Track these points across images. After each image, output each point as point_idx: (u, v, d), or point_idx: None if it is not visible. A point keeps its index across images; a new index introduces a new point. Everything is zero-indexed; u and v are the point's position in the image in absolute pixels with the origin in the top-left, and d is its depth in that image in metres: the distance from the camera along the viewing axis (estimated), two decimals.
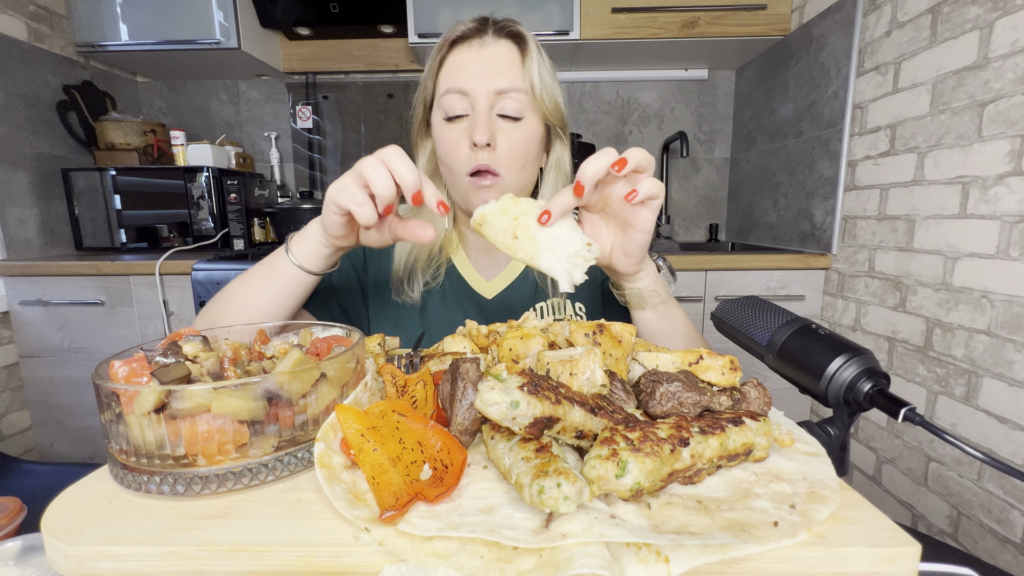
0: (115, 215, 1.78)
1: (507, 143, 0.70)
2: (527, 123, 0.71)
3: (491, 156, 0.69)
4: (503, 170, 0.70)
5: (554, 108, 0.73)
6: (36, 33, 1.73)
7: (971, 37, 1.09)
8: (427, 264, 0.79)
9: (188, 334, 0.43)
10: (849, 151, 1.47)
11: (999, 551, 1.06)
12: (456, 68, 0.70)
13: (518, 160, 0.71)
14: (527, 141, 0.71)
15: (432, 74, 0.72)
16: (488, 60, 0.69)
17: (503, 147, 0.70)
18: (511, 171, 0.71)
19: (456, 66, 0.70)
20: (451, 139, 0.70)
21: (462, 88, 0.68)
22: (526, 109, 0.70)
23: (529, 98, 0.70)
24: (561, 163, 0.78)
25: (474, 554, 0.27)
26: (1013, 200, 1.01)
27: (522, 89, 0.69)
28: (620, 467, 0.29)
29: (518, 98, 0.69)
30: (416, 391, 0.41)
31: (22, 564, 0.46)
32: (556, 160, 0.78)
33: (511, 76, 0.69)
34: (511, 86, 0.68)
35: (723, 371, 0.43)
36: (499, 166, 0.70)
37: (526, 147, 0.71)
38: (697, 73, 2.15)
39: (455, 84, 0.69)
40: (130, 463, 0.34)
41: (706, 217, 2.28)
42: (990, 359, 1.07)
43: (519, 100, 0.69)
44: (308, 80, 2.19)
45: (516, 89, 0.69)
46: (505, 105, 0.69)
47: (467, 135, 0.69)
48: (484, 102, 0.68)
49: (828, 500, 0.31)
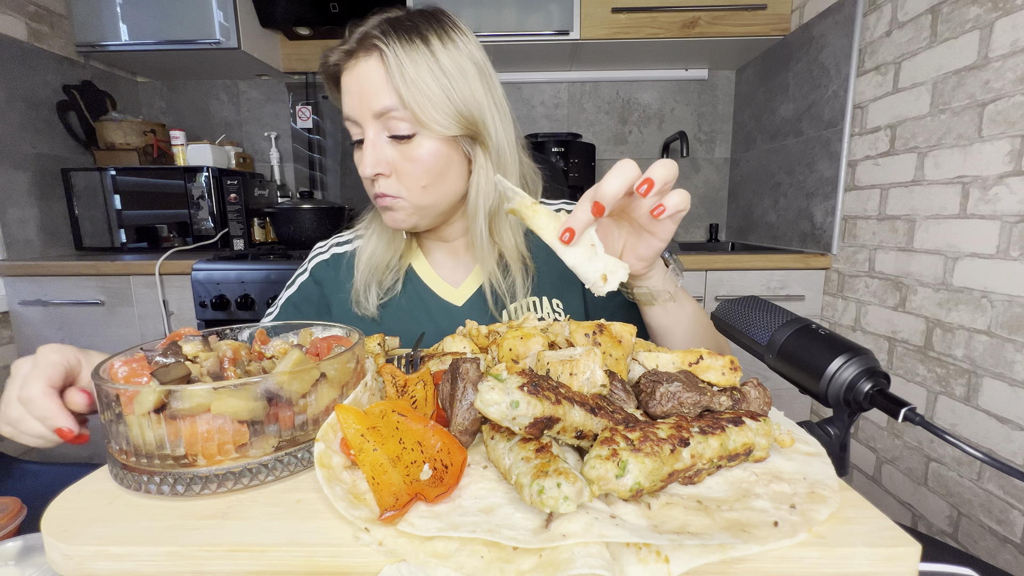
0: (115, 215, 1.78)
1: (402, 166, 0.65)
2: (419, 140, 0.64)
3: (386, 182, 0.66)
4: (403, 193, 0.67)
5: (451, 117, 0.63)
6: (36, 33, 1.73)
7: (971, 37, 1.09)
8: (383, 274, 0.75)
9: (188, 334, 0.43)
10: (849, 151, 1.47)
11: (999, 551, 1.06)
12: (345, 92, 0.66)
13: (417, 181, 0.66)
14: (422, 161, 0.65)
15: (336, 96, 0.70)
16: (361, 81, 0.63)
17: (402, 172, 0.66)
18: (412, 193, 0.67)
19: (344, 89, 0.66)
20: (356, 162, 0.69)
21: (348, 115, 0.66)
22: (413, 126, 0.63)
23: (410, 113, 0.62)
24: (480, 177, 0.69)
25: (474, 554, 0.27)
26: (1013, 200, 1.01)
27: (395, 106, 0.62)
28: (620, 467, 0.29)
29: (398, 116, 0.63)
30: (416, 391, 0.41)
31: (22, 564, 0.46)
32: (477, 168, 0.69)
33: (381, 95, 0.62)
34: (385, 106, 0.62)
35: (723, 371, 0.43)
36: (397, 191, 0.67)
37: (423, 167, 0.65)
38: (697, 73, 2.14)
39: (345, 111, 0.66)
40: (130, 463, 0.34)
41: (706, 217, 2.28)
42: (990, 359, 1.07)
43: (400, 117, 0.63)
44: (308, 80, 2.19)
45: (392, 107, 0.62)
46: (392, 126, 0.63)
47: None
48: (372, 131, 0.64)
49: (828, 500, 0.31)
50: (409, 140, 0.64)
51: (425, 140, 0.64)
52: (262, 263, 1.54)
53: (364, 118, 0.64)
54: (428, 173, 0.66)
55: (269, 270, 1.52)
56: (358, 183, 2.62)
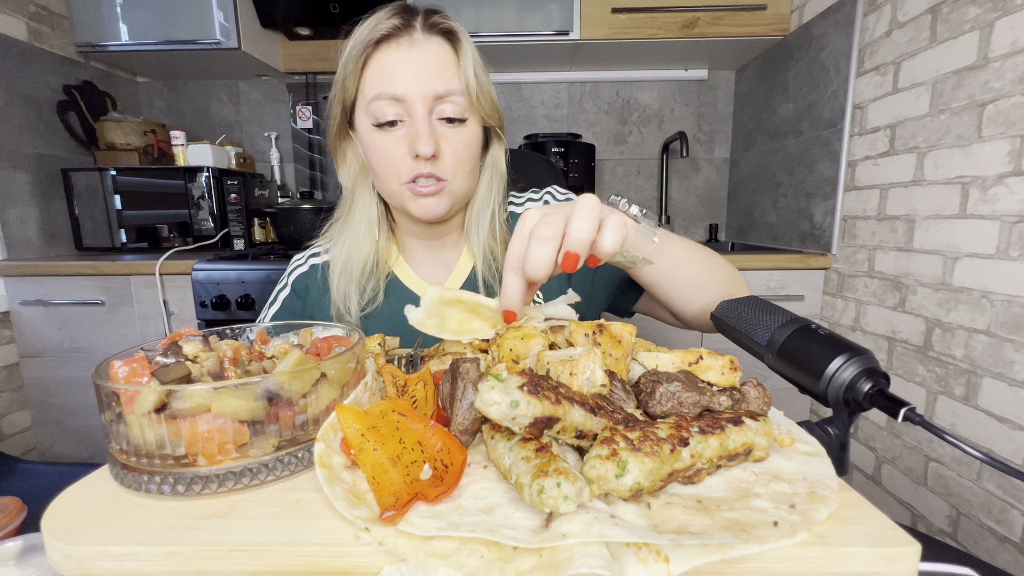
0: (115, 215, 1.78)
1: (451, 149, 0.65)
2: (468, 125, 0.66)
3: (434, 164, 0.65)
4: (448, 175, 0.66)
5: (491, 108, 0.68)
6: (36, 33, 1.73)
7: (971, 37, 1.09)
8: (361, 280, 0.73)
9: (188, 334, 0.43)
10: (849, 151, 1.47)
11: (999, 551, 1.06)
12: (384, 71, 0.62)
13: (464, 165, 0.67)
14: (470, 144, 0.66)
15: (353, 75, 0.64)
16: (421, 61, 0.62)
17: (447, 154, 0.65)
18: (457, 177, 0.67)
19: (384, 68, 0.62)
20: (384, 147, 0.64)
21: (395, 94, 0.62)
22: (466, 111, 0.65)
23: (467, 100, 0.64)
24: (497, 163, 0.74)
25: (474, 554, 0.27)
26: (1013, 200, 1.01)
27: (460, 91, 0.63)
28: (620, 467, 0.29)
29: (457, 101, 0.64)
30: (416, 391, 0.42)
31: (22, 564, 0.46)
32: (493, 160, 0.74)
33: (447, 78, 0.63)
34: (449, 89, 0.63)
35: (723, 371, 0.43)
36: (444, 173, 0.66)
37: (470, 151, 0.67)
38: (697, 73, 2.15)
39: (386, 89, 0.62)
40: (130, 463, 0.34)
41: (706, 217, 2.28)
42: (990, 359, 1.07)
43: (458, 103, 0.64)
44: (308, 80, 2.19)
45: (454, 92, 0.63)
46: (444, 109, 0.63)
47: (405, 143, 0.64)
48: (422, 108, 0.62)
49: (828, 500, 0.31)
50: (462, 124, 0.65)
51: (472, 125, 0.66)
52: (262, 263, 1.54)
53: (418, 99, 0.62)
54: (472, 158, 0.67)
55: (269, 270, 1.52)
56: None
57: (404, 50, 0.62)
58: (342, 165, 0.74)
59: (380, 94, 0.62)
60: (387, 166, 0.65)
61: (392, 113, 0.63)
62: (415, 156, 0.63)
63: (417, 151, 0.62)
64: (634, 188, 2.26)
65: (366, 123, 0.65)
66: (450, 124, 0.65)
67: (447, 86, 0.63)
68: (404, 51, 0.62)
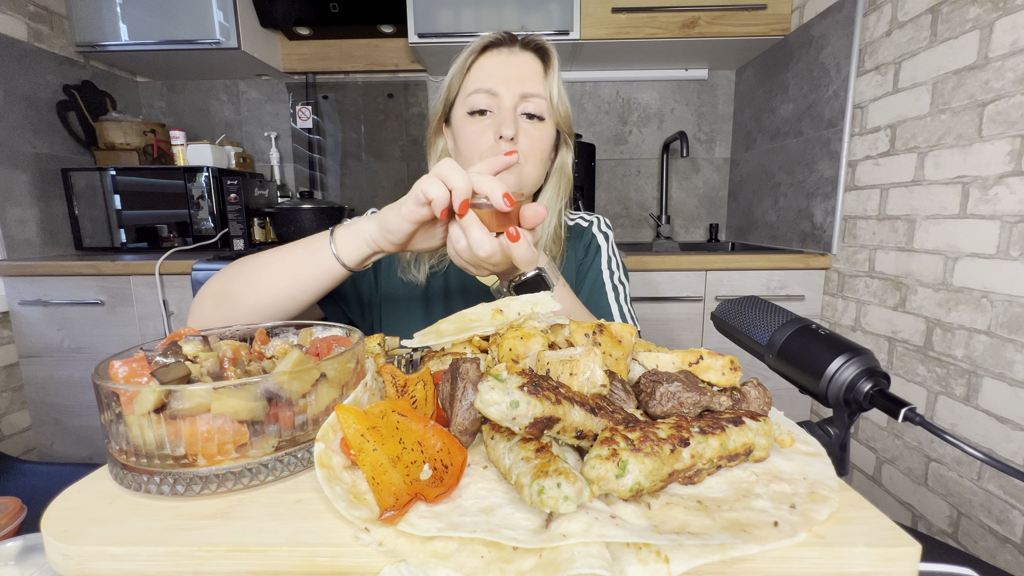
0: (115, 215, 1.78)
1: (528, 139, 0.76)
2: (546, 124, 0.78)
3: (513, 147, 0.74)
4: (523, 159, 0.76)
5: (566, 117, 0.81)
6: (36, 33, 1.73)
7: (971, 37, 1.09)
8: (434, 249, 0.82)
9: (188, 334, 0.43)
10: (849, 151, 1.47)
11: (999, 551, 1.06)
12: (485, 71, 0.76)
13: (537, 154, 0.77)
14: (544, 139, 0.78)
15: (460, 74, 0.78)
16: (515, 67, 0.76)
17: (524, 142, 0.76)
18: (529, 163, 0.77)
19: (485, 69, 0.76)
20: (474, 131, 0.76)
21: (491, 89, 0.75)
22: (545, 112, 0.77)
23: (548, 105, 0.77)
24: (565, 167, 0.85)
25: (474, 554, 0.27)
26: (1013, 200, 1.01)
27: (543, 96, 0.77)
28: (620, 467, 0.29)
29: (539, 103, 0.76)
30: (416, 391, 0.41)
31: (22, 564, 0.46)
32: (560, 164, 0.85)
33: (535, 83, 0.76)
34: (534, 92, 0.76)
35: (723, 371, 0.43)
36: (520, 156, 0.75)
37: (544, 144, 0.78)
38: (697, 73, 2.14)
39: (484, 85, 0.75)
40: (130, 463, 0.34)
41: (706, 217, 2.28)
42: (990, 359, 1.07)
43: (540, 105, 0.76)
44: (308, 80, 2.19)
45: (538, 95, 0.76)
46: (527, 106, 0.76)
47: (491, 129, 0.75)
48: (510, 102, 0.75)
49: (828, 500, 0.31)
50: (541, 121, 0.77)
51: (549, 125, 0.78)
52: None
53: (508, 94, 0.75)
54: (544, 151, 0.79)
55: None
56: (358, 183, 2.60)
57: (503, 57, 0.77)
58: (432, 155, 0.85)
59: (478, 88, 0.75)
60: (473, 148, 0.76)
61: (484, 104, 0.75)
62: (498, 138, 0.74)
63: (501, 133, 0.74)
64: (634, 188, 2.27)
65: (461, 112, 0.77)
66: (530, 120, 0.77)
67: (533, 89, 0.76)
68: (503, 57, 0.77)
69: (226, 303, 0.63)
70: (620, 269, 0.91)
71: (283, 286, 0.61)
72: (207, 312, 0.64)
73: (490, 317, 0.50)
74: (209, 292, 0.65)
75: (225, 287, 0.64)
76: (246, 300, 0.62)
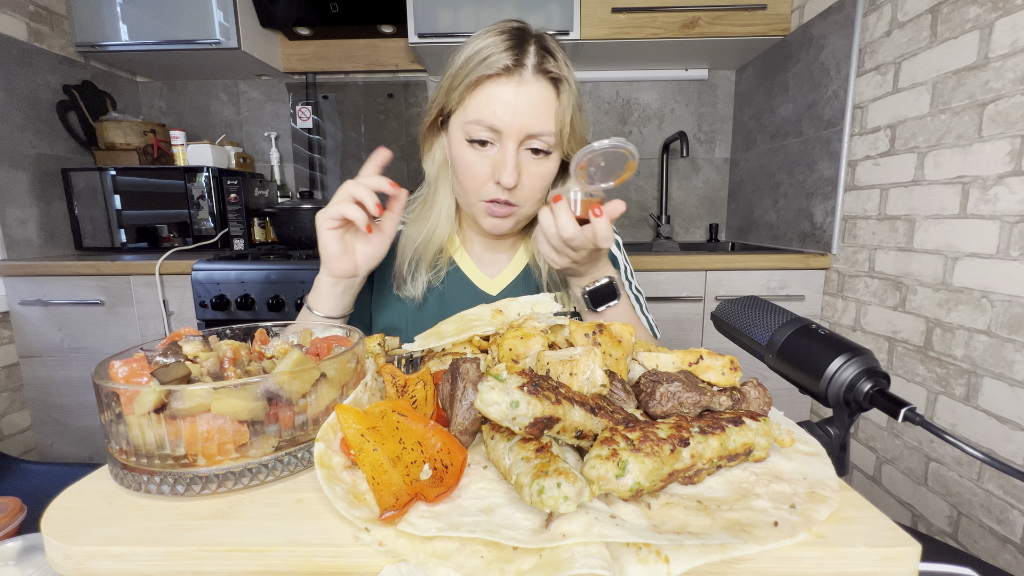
0: (115, 215, 1.78)
1: (529, 179, 0.71)
2: (551, 159, 0.72)
3: (513, 193, 0.71)
4: (521, 202, 0.73)
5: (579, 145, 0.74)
6: (36, 33, 1.73)
7: (971, 37, 1.09)
8: (432, 261, 0.81)
9: (188, 334, 0.43)
10: (849, 151, 1.47)
11: (999, 551, 1.06)
12: (490, 101, 0.68)
13: (537, 194, 0.74)
14: (547, 176, 0.73)
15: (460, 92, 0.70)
16: (523, 100, 0.68)
17: (525, 184, 0.71)
18: (528, 203, 0.74)
19: (490, 98, 0.68)
20: (472, 162, 0.71)
21: (493, 125, 0.68)
22: (551, 147, 0.72)
23: (556, 139, 0.71)
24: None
25: (474, 554, 0.27)
26: (1013, 200, 1.01)
27: (551, 132, 0.70)
28: (620, 467, 0.29)
29: (546, 139, 0.70)
30: (416, 391, 0.41)
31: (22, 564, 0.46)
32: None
33: (544, 120, 0.69)
34: (541, 130, 0.69)
35: (723, 371, 0.43)
36: (518, 200, 0.72)
37: (545, 182, 0.74)
38: (697, 73, 2.14)
39: (485, 118, 0.68)
40: (130, 463, 0.34)
41: (706, 217, 2.28)
42: (990, 359, 1.07)
43: (546, 141, 0.70)
44: (308, 80, 2.19)
45: (546, 132, 0.70)
46: (533, 143, 0.70)
47: (490, 165, 0.70)
48: (513, 143, 0.68)
49: (828, 500, 0.31)
50: (546, 156, 0.72)
51: (554, 159, 0.73)
52: (262, 263, 1.54)
53: (511, 131, 0.68)
54: (545, 188, 0.74)
55: (269, 270, 1.52)
56: None
57: (512, 87, 0.68)
58: (427, 155, 0.81)
59: (480, 120, 0.68)
60: (470, 180, 0.72)
61: (485, 136, 0.69)
62: (497, 182, 0.70)
63: (500, 180, 0.69)
64: (634, 188, 2.26)
65: (459, 136, 0.71)
66: (535, 155, 0.71)
67: (541, 127, 0.69)
68: (512, 88, 0.68)
69: None
70: (635, 277, 0.90)
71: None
72: None
73: (490, 317, 0.50)
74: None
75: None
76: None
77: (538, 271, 0.82)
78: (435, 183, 0.81)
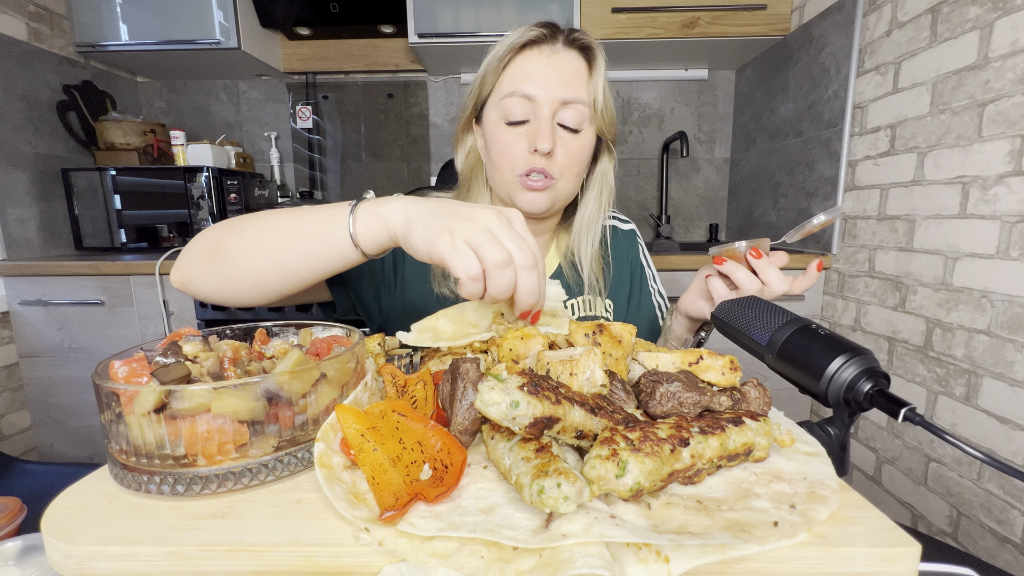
0: (115, 215, 1.78)
1: (565, 151, 0.71)
2: (584, 135, 0.72)
3: (548, 161, 0.70)
4: (558, 174, 0.72)
5: (610, 123, 0.75)
6: (36, 33, 1.73)
7: (971, 37, 1.09)
8: None
9: (188, 334, 0.43)
10: (849, 151, 1.47)
11: (999, 551, 1.06)
12: (523, 72, 0.69)
13: (573, 168, 0.73)
14: (582, 151, 0.73)
15: (494, 73, 0.71)
16: (556, 68, 0.69)
17: (561, 154, 0.71)
18: (565, 177, 0.73)
19: (523, 70, 0.69)
20: (507, 139, 0.70)
21: (528, 93, 0.68)
22: (585, 121, 0.71)
23: (590, 111, 0.71)
24: (606, 175, 0.80)
25: (474, 554, 0.27)
26: (1013, 200, 1.01)
27: (585, 102, 0.70)
28: (620, 467, 0.29)
29: (580, 110, 0.70)
30: (416, 391, 0.41)
31: (22, 564, 0.46)
32: (602, 172, 0.80)
33: (576, 88, 0.69)
34: (575, 98, 0.69)
35: (723, 371, 0.43)
36: (555, 171, 0.71)
37: (581, 156, 0.73)
38: (697, 73, 2.14)
39: (520, 88, 0.68)
40: (130, 463, 0.34)
41: (706, 217, 2.28)
42: (990, 359, 1.07)
43: (580, 112, 0.70)
44: (308, 80, 2.19)
45: (580, 101, 0.69)
46: (566, 116, 0.69)
47: (526, 139, 0.70)
48: (547, 110, 0.68)
49: (828, 500, 0.31)
50: (576, 133, 0.71)
51: (588, 135, 0.72)
52: None
53: (546, 100, 0.68)
54: (581, 163, 0.73)
55: None
56: (358, 183, 2.59)
57: (544, 57, 0.69)
58: (461, 153, 0.81)
59: (514, 91, 0.69)
60: (506, 157, 0.71)
61: (520, 112, 0.69)
62: (533, 151, 0.69)
63: (536, 146, 0.68)
64: (634, 188, 2.26)
65: (495, 117, 0.71)
66: (568, 131, 0.71)
67: (574, 94, 0.69)
68: (544, 58, 0.69)
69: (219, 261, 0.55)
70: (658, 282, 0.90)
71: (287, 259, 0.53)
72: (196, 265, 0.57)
73: (490, 321, 0.50)
74: (201, 243, 0.57)
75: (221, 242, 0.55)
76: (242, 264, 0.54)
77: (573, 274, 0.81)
78: (467, 181, 0.81)
